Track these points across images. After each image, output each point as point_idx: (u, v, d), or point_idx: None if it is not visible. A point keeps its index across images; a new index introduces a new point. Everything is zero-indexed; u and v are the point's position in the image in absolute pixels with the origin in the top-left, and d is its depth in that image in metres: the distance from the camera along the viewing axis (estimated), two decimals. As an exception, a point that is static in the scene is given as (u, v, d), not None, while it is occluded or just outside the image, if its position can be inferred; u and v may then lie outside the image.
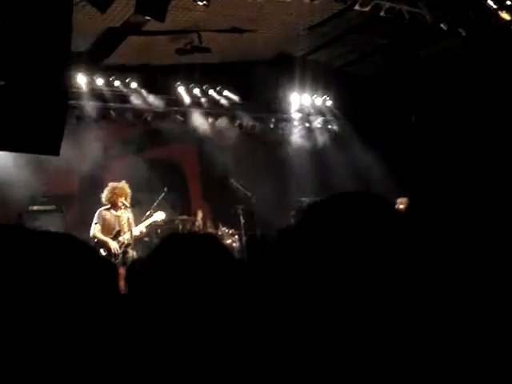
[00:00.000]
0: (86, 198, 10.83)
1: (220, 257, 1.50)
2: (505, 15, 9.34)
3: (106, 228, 9.07)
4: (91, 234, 8.98)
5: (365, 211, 1.38)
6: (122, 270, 7.07)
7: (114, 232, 9.10)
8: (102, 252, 8.82)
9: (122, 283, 5.98)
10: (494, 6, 9.35)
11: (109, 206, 9.17)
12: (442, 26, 10.01)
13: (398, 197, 10.36)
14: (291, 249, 1.37)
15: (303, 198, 12.89)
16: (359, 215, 1.36)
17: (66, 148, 6.46)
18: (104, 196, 9.19)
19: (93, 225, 9.03)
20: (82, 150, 11.12)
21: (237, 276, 1.48)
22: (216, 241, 1.56)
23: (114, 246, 8.96)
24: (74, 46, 6.60)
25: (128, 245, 9.11)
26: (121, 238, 9.09)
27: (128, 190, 9.30)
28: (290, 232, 1.43)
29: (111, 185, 9.30)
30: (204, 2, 7.81)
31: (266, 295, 1.37)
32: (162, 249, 1.54)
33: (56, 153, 5.95)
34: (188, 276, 1.44)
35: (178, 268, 1.45)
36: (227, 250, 1.56)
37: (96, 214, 9.13)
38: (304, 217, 1.43)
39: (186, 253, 1.49)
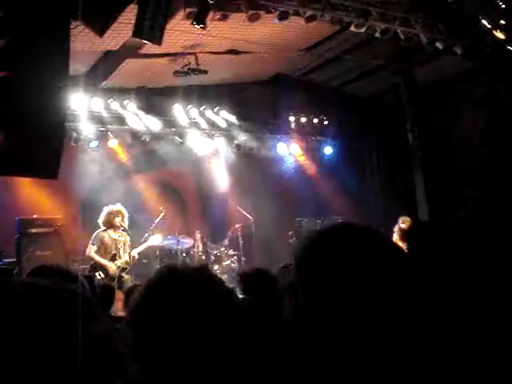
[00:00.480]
0: (83, 220, 10.82)
1: (214, 294, 1.50)
2: (499, 34, 9.41)
3: (103, 250, 9.02)
4: (87, 254, 8.93)
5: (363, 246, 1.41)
6: (119, 294, 7.03)
7: (110, 255, 9.05)
8: (99, 275, 8.77)
9: (119, 305, 5.97)
10: (489, 26, 9.42)
11: (105, 228, 9.15)
12: (437, 45, 10.08)
13: (399, 216, 10.38)
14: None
15: (301, 219, 12.92)
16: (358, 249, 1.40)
17: (63, 170, 6.46)
18: (101, 218, 9.17)
19: (90, 245, 8.99)
20: (80, 172, 11.12)
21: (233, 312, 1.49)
22: (210, 278, 1.56)
23: (112, 268, 8.92)
24: (73, 70, 6.64)
25: (124, 269, 9.08)
26: (118, 263, 9.04)
27: (124, 212, 9.30)
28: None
29: (107, 207, 9.30)
30: (201, 26, 7.86)
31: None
32: (158, 285, 1.55)
33: (54, 176, 5.94)
34: (184, 313, 1.44)
35: (172, 307, 1.46)
36: (220, 285, 1.56)
37: (94, 235, 9.10)
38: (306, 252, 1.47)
39: (181, 290, 1.50)
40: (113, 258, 9.04)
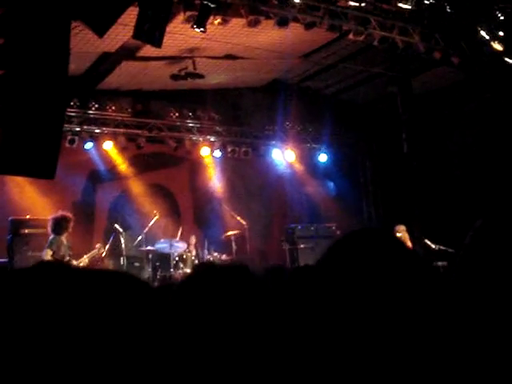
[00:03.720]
0: (77, 221, 10.76)
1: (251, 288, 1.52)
2: (497, 46, 9.45)
3: (59, 255, 8.66)
4: (43, 258, 8.55)
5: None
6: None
7: (65, 261, 8.75)
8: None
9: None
10: (487, 37, 9.47)
11: (60, 234, 8.82)
12: (434, 55, 10.11)
13: (393, 224, 10.40)
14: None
15: (294, 225, 12.91)
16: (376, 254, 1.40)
17: (57, 171, 6.43)
18: (56, 224, 8.78)
19: (47, 250, 8.62)
20: (75, 173, 11.10)
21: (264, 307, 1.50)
22: (247, 271, 1.59)
23: None
24: (69, 71, 6.60)
25: None
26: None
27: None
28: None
29: (61, 213, 9.02)
30: (201, 29, 7.85)
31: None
32: (195, 279, 1.56)
33: (51, 176, 5.93)
34: (221, 306, 1.46)
35: (211, 298, 1.48)
36: (258, 281, 1.58)
37: (50, 240, 8.76)
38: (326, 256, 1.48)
39: (219, 284, 1.52)
40: (67, 263, 8.72)
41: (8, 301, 1.07)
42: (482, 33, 9.36)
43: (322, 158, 14.38)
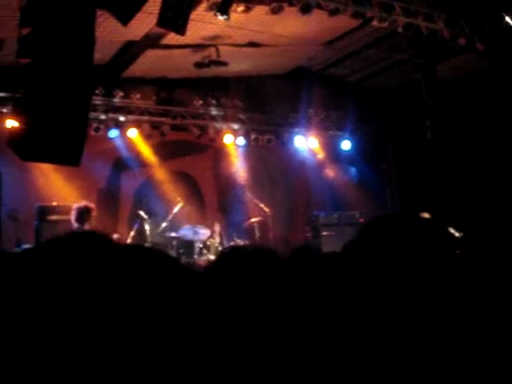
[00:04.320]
0: (102, 208, 10.89)
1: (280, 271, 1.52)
2: (523, 31, 9.33)
3: None
4: None
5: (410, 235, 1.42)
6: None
7: None
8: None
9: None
10: (512, 23, 9.35)
11: (84, 224, 8.90)
12: (459, 41, 10.01)
13: (417, 211, 10.31)
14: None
15: (318, 213, 12.92)
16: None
17: (83, 158, 6.52)
18: (79, 215, 8.92)
19: None
20: (100, 161, 11.23)
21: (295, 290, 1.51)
22: (275, 255, 1.58)
23: None
24: (94, 59, 6.67)
25: None
26: None
27: None
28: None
29: (84, 203, 9.12)
30: (225, 17, 7.87)
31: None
32: (223, 262, 1.57)
33: (77, 163, 6.02)
34: (250, 290, 1.46)
35: (239, 281, 1.48)
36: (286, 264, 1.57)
37: (75, 229, 8.80)
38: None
39: (247, 267, 1.52)
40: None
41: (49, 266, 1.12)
42: (507, 19, 9.24)
43: (346, 145, 14.33)
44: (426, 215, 10.06)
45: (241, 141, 13.16)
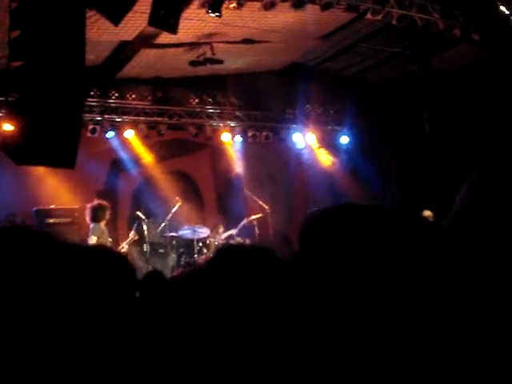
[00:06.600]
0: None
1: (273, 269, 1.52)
2: (518, 20, 9.29)
3: (101, 242, 8.86)
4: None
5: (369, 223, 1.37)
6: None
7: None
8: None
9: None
10: (507, 12, 9.30)
11: (99, 222, 9.03)
12: (454, 32, 9.96)
13: (417, 205, 10.29)
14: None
15: (316, 209, 12.87)
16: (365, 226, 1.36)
17: (80, 160, 6.49)
18: (96, 212, 9.05)
19: (92, 236, 8.81)
20: (97, 162, 11.19)
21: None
22: (270, 253, 1.58)
23: None
24: (88, 60, 6.63)
25: None
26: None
27: None
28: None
29: (98, 201, 9.21)
30: (216, 14, 7.83)
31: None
32: (219, 260, 1.57)
33: (71, 165, 5.99)
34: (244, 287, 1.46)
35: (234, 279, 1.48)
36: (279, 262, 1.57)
37: (93, 227, 8.97)
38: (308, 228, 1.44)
39: (242, 265, 1.52)
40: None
41: None
42: (502, 8, 9.20)
43: (344, 140, 14.30)
44: (428, 213, 9.90)
45: (238, 138, 13.14)
